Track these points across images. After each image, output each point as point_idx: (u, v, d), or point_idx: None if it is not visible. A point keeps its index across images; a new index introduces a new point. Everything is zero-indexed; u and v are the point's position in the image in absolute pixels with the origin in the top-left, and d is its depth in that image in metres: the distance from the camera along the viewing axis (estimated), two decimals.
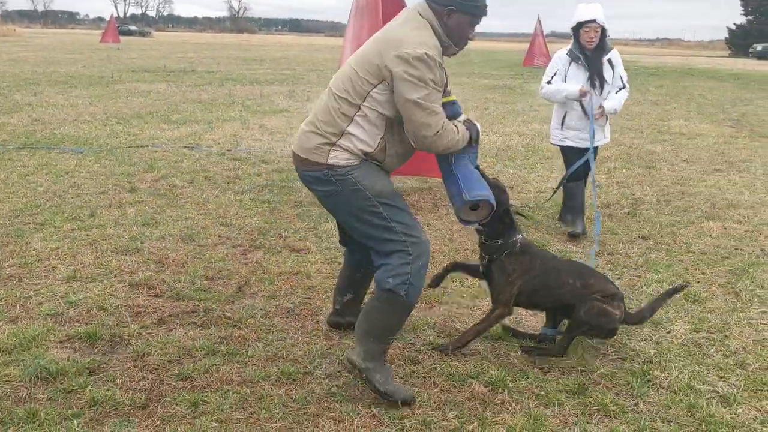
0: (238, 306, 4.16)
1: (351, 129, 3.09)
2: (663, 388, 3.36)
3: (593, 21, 5.44)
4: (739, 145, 10.80)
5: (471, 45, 3.92)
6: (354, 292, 3.78)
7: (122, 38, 46.50)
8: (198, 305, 4.14)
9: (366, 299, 3.80)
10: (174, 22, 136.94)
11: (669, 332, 3.97)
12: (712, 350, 3.77)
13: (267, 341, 3.72)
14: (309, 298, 4.32)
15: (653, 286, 4.64)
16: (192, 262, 4.85)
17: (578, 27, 5.54)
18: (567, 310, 3.66)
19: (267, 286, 4.48)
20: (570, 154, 5.83)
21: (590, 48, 5.54)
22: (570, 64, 5.65)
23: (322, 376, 3.37)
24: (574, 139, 5.77)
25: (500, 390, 3.28)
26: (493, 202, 3.30)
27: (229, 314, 4.03)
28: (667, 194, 7.36)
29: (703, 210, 6.71)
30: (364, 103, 3.07)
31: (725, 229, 6.09)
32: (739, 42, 57.86)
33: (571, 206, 5.94)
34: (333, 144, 3.10)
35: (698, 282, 4.79)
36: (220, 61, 29.23)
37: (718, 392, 3.33)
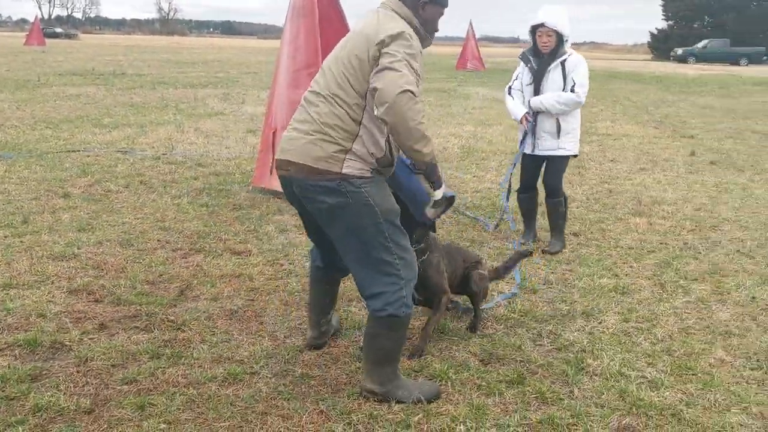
0: (180, 309, 4.15)
1: (362, 132, 3.02)
2: (596, 375, 3.53)
3: (543, 25, 5.26)
4: (662, 144, 11.28)
5: None
6: (334, 307, 3.77)
7: (48, 41, 45.02)
8: (140, 309, 4.12)
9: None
10: (101, 24, 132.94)
11: (600, 323, 4.17)
12: (641, 338, 3.97)
13: (212, 343, 3.73)
14: (252, 300, 4.35)
15: (584, 280, 4.85)
16: (131, 267, 4.81)
17: (533, 30, 5.37)
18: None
19: (209, 289, 4.48)
20: (523, 159, 5.71)
21: (545, 53, 5.36)
22: (524, 67, 5.53)
23: (269, 376, 3.42)
24: (524, 146, 5.63)
25: (443, 382, 3.39)
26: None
27: (172, 317, 4.02)
28: (596, 192, 7.66)
29: (630, 207, 7.01)
30: (367, 103, 3.01)
31: (651, 224, 6.39)
32: (660, 46, 59.96)
33: (523, 217, 5.88)
34: (348, 151, 3.01)
35: (626, 275, 5.02)
36: (151, 63, 28.67)
37: (647, 377, 3.52)
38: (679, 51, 50.37)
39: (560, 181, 5.63)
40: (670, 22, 62.13)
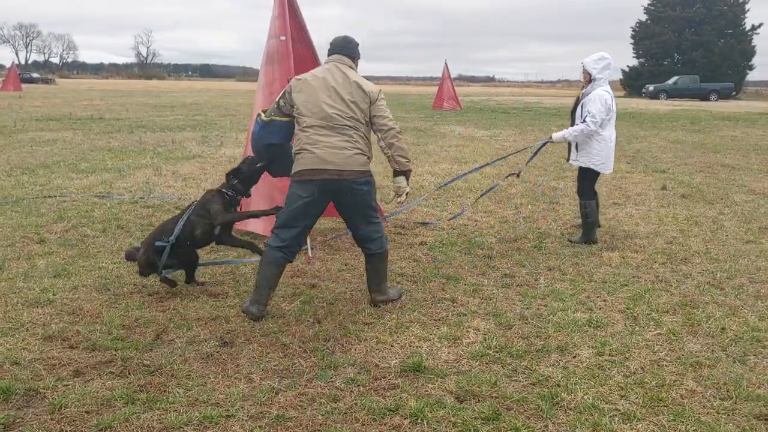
0: (156, 353, 4.14)
1: (368, 144, 4.83)
2: (570, 409, 3.57)
3: (582, 65, 6.75)
4: (634, 179, 11.48)
5: (382, 88, 5.08)
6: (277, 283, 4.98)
7: (24, 86, 45.07)
8: (115, 354, 4.10)
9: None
10: (79, 68, 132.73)
11: (575, 357, 4.22)
12: (614, 372, 4.03)
13: (187, 387, 3.73)
14: (228, 342, 4.35)
15: (559, 314, 4.91)
16: (107, 312, 4.80)
17: None
18: None
19: (185, 332, 4.48)
20: None
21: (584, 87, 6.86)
22: None
23: (245, 418, 3.42)
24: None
25: (419, 421, 3.41)
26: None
27: (147, 362, 4.01)
28: (570, 228, 7.77)
29: (603, 241, 7.12)
30: (365, 127, 4.80)
31: (623, 258, 6.49)
32: (632, 83, 61.14)
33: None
34: (369, 157, 4.80)
35: (600, 309, 5.09)
36: (129, 107, 28.75)
37: (620, 410, 3.56)
38: (651, 87, 51.32)
39: (581, 186, 7.14)
40: (641, 60, 63.41)
